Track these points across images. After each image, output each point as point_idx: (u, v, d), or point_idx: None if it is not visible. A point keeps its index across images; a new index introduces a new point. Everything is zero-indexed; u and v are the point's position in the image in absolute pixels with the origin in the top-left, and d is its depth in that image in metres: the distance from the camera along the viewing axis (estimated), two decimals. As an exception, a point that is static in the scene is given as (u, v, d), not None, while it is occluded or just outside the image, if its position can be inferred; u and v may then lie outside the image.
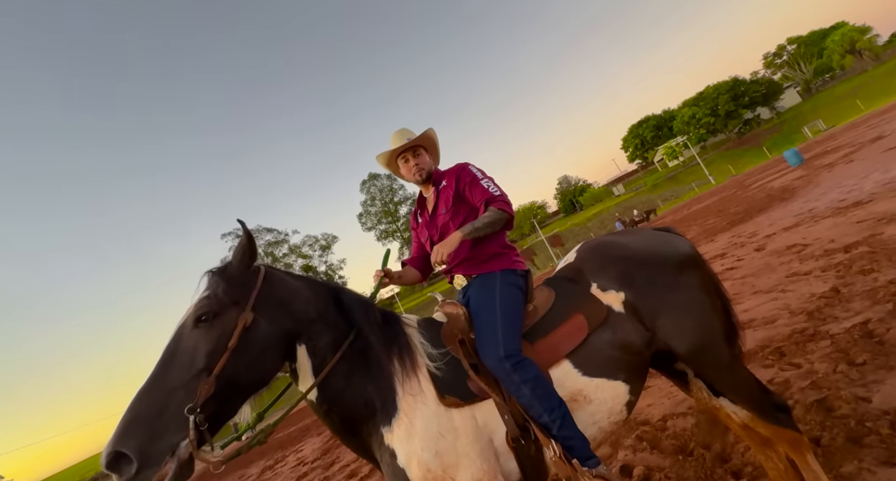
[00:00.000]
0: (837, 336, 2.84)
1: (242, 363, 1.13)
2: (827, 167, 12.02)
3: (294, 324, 1.27)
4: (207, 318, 1.14)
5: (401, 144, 1.79)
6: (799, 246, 5.39)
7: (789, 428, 1.54)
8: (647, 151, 69.71)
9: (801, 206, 7.99)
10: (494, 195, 1.65)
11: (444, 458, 1.21)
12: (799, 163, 17.15)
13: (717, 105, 53.72)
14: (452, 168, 1.82)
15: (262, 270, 1.30)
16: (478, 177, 1.71)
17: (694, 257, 1.63)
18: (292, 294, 1.32)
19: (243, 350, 1.14)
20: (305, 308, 1.31)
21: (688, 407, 2.80)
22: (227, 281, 1.21)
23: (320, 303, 1.35)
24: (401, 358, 1.35)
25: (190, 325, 1.15)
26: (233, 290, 1.20)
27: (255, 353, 1.17)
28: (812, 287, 3.88)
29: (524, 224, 60.27)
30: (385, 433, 1.26)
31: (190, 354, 1.10)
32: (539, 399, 1.27)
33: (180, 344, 1.12)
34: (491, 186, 1.68)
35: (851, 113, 42.20)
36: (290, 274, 1.43)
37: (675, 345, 1.47)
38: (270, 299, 1.25)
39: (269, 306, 1.24)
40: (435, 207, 1.80)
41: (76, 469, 77.95)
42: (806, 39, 64.33)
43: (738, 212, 11.68)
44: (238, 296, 1.19)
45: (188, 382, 1.06)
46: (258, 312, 1.21)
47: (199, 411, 1.02)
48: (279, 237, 49.16)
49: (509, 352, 1.32)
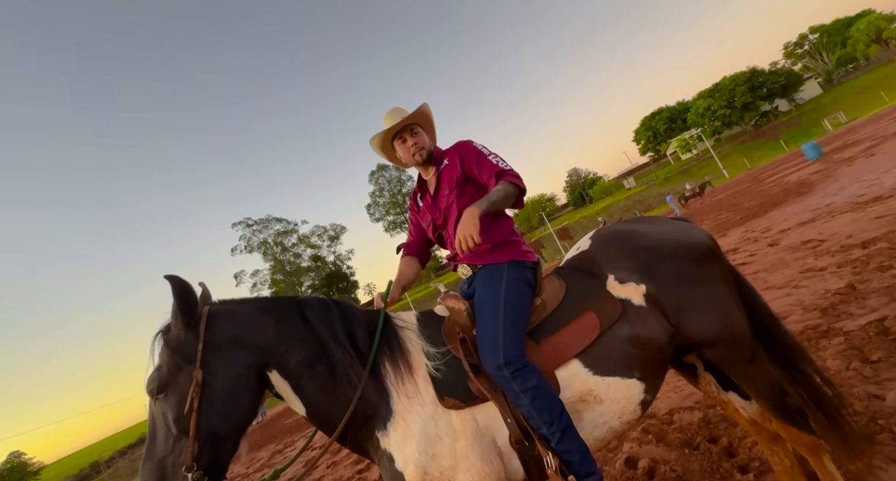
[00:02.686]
0: (852, 333, 2.79)
1: (214, 415, 1.14)
2: (847, 161, 11.68)
3: (256, 356, 1.23)
4: (162, 390, 1.16)
5: (395, 124, 1.64)
6: (815, 241, 5.27)
7: (806, 432, 1.49)
8: (660, 144, 68.38)
9: (818, 201, 7.79)
10: (504, 169, 1.53)
11: (441, 461, 1.18)
12: (817, 157, 16.70)
13: (734, 96, 52.18)
14: (454, 146, 1.69)
15: (203, 317, 1.23)
16: (484, 153, 1.59)
17: (714, 248, 1.56)
18: (243, 327, 1.26)
19: (209, 404, 1.15)
20: (261, 336, 1.26)
21: (695, 402, 2.79)
22: (170, 346, 1.20)
23: (279, 325, 1.29)
24: (393, 360, 1.31)
25: (151, 400, 1.18)
26: (178, 353, 1.18)
27: (223, 401, 1.16)
28: (827, 283, 3.80)
29: (532, 216, 59.89)
30: (381, 437, 1.24)
31: (163, 423, 1.14)
32: (538, 410, 1.21)
33: (153, 416, 1.17)
34: (499, 161, 1.57)
35: (875, 105, 40.76)
36: (244, 302, 1.35)
37: (700, 339, 1.41)
38: (220, 343, 1.22)
39: (221, 350, 1.21)
40: (437, 188, 1.67)
41: (94, 448, 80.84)
42: (829, 28, 62.00)
43: (752, 206, 11.44)
44: (185, 356, 1.18)
45: (173, 448, 1.11)
46: (210, 363, 1.18)
47: (195, 468, 1.08)
48: (288, 227, 49.51)
49: (509, 358, 1.25)
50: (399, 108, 1.71)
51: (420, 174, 1.79)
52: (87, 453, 75.02)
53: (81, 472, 45.29)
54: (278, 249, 48.62)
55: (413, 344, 1.37)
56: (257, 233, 47.86)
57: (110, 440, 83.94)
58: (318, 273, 50.14)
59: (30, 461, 45.07)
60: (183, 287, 1.20)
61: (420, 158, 1.68)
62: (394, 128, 1.65)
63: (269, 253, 48.02)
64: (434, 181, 1.69)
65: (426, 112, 1.71)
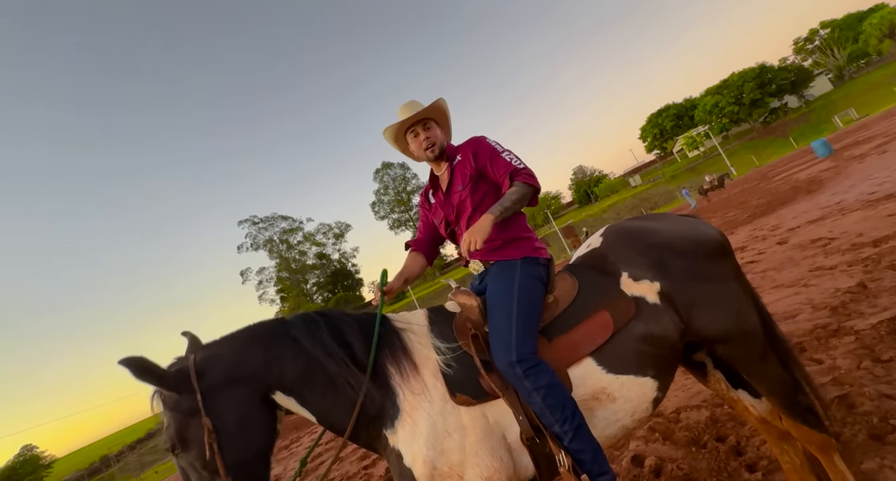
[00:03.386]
0: (863, 332, 2.75)
1: (236, 449, 1.19)
2: (858, 158, 11.51)
3: (254, 386, 1.26)
4: (178, 447, 1.19)
5: (410, 116, 1.63)
6: (825, 239, 5.21)
7: (817, 430, 1.48)
8: (666, 141, 67.73)
9: (829, 199, 7.69)
10: (518, 168, 1.52)
11: (450, 456, 1.19)
12: (827, 154, 16.47)
13: (742, 93, 51.52)
14: (467, 142, 1.68)
15: (191, 370, 1.22)
16: (497, 151, 1.58)
17: (725, 245, 1.55)
18: (233, 364, 1.26)
19: (228, 443, 1.18)
20: (253, 366, 1.27)
21: (702, 400, 2.78)
22: (169, 407, 1.21)
23: (268, 351, 1.29)
24: (395, 361, 1.32)
25: (173, 457, 1.22)
26: (179, 411, 1.19)
27: (240, 435, 1.20)
28: (837, 281, 3.75)
29: (537, 215, 59.62)
30: (389, 435, 1.25)
31: (194, 471, 1.19)
32: (551, 408, 1.21)
33: (182, 467, 1.22)
34: (513, 159, 1.55)
35: (887, 101, 40.06)
36: (228, 339, 1.35)
37: (712, 336, 1.41)
38: (217, 387, 1.23)
39: (220, 393, 1.22)
40: (450, 184, 1.65)
41: (104, 442, 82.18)
42: (841, 23, 60.86)
43: (760, 204, 11.32)
44: (188, 411, 1.19)
45: None
46: (214, 408, 1.20)
47: None
48: (293, 225, 49.81)
49: (522, 356, 1.25)
50: (415, 102, 1.68)
51: (432, 170, 1.77)
52: (97, 447, 76.29)
53: (92, 466, 46.07)
54: (284, 247, 48.89)
55: (418, 342, 1.37)
56: (263, 230, 48.21)
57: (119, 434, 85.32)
58: (323, 270, 50.38)
59: (42, 454, 45.93)
60: (140, 366, 1.15)
61: (431, 154, 1.66)
62: (407, 121, 1.64)
63: (274, 250, 48.33)
64: (447, 177, 1.67)
65: (442, 106, 1.68)
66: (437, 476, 1.19)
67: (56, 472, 47.14)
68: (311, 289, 48.93)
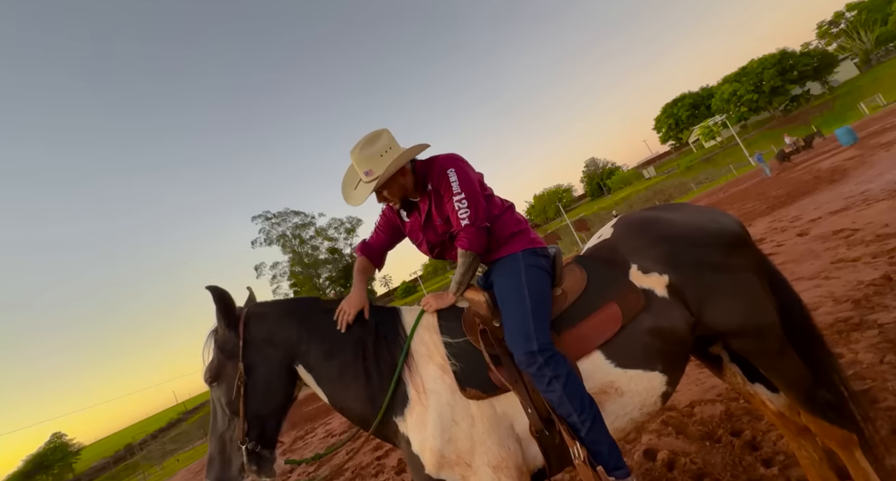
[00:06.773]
0: (886, 325, 2.67)
1: (257, 400, 1.36)
2: (884, 146, 11.05)
3: (284, 353, 1.42)
4: (214, 380, 1.40)
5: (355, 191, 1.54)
6: (847, 230, 5.03)
7: (837, 426, 1.44)
8: (682, 132, 65.99)
9: (853, 189, 7.41)
10: (462, 224, 1.45)
11: (458, 444, 1.22)
12: (852, 142, 15.83)
13: (762, 80, 49.69)
14: (435, 169, 1.51)
15: (242, 319, 1.43)
16: (452, 192, 1.45)
17: (744, 236, 1.50)
18: (274, 328, 1.44)
19: (252, 391, 1.37)
20: (288, 335, 1.43)
21: (717, 394, 2.73)
22: (218, 344, 1.42)
23: (302, 326, 1.44)
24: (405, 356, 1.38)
25: (209, 387, 1.43)
26: (224, 350, 1.41)
27: (263, 389, 1.38)
28: (860, 274, 3.63)
29: (549, 208, 59.03)
30: (399, 422, 1.31)
31: (220, 406, 1.39)
32: (569, 397, 1.21)
33: (213, 400, 1.42)
34: (461, 207, 1.44)
35: (917, 86, 38.25)
36: (275, 304, 1.52)
37: (724, 329, 1.38)
38: (256, 341, 1.42)
39: (257, 348, 1.41)
40: (429, 215, 1.56)
41: (128, 431, 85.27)
42: (868, 4, 57.99)
43: (779, 195, 10.99)
44: (230, 352, 1.40)
45: (229, 425, 1.35)
46: (249, 358, 1.39)
47: (248, 441, 1.32)
48: (306, 220, 50.27)
49: (543, 346, 1.25)
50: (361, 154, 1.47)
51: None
52: (122, 436, 79.19)
53: (116, 454, 47.82)
54: (296, 242, 49.50)
55: (426, 337, 1.41)
56: (276, 226, 48.80)
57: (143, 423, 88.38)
58: (335, 265, 50.89)
59: (70, 442, 47.82)
60: (221, 295, 1.41)
61: (397, 206, 1.62)
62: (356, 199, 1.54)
63: (287, 245, 48.94)
64: (425, 207, 1.57)
65: (389, 165, 1.43)
66: (445, 463, 1.22)
67: (84, 459, 49.11)
68: (323, 283, 49.54)
